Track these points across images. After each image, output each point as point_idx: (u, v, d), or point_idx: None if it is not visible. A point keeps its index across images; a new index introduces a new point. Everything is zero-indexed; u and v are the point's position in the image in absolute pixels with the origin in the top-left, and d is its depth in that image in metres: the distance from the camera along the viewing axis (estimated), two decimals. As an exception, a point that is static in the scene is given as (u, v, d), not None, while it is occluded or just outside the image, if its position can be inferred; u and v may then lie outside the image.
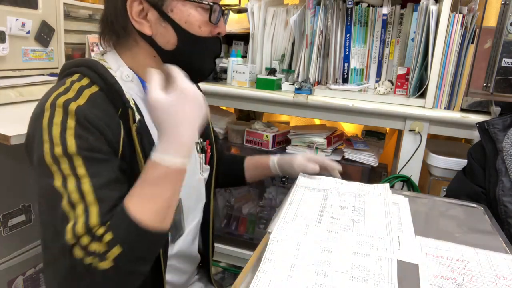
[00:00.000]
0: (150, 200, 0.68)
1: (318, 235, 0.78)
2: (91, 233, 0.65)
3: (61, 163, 0.68)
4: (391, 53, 1.51)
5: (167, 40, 0.81)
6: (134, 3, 0.78)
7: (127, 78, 0.82)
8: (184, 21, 0.80)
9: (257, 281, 0.64)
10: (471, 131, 1.33)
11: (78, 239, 0.65)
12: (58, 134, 0.69)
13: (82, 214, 0.66)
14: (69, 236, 0.65)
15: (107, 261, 0.64)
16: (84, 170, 0.68)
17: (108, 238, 0.65)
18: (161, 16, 0.79)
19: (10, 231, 1.26)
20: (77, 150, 0.68)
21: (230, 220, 1.83)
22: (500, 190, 1.06)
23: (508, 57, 1.23)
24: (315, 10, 1.50)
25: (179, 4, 0.79)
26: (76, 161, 0.68)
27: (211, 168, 1.06)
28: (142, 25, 0.79)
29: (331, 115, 1.47)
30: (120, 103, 0.77)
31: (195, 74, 0.90)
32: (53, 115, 0.70)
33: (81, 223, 0.65)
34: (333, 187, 1.01)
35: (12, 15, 1.28)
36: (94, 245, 0.65)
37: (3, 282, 1.26)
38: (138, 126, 0.78)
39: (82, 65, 0.79)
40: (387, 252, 0.73)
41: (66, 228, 0.65)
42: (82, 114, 0.70)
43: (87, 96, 0.74)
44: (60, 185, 0.67)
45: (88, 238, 0.65)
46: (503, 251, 0.79)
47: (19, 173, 1.25)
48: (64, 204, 0.66)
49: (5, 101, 1.23)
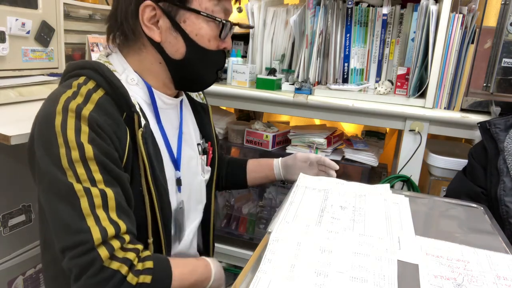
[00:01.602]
0: (188, 276, 0.79)
1: (318, 235, 0.78)
2: (121, 239, 0.69)
3: (77, 168, 0.69)
4: (391, 53, 1.51)
5: (175, 49, 0.82)
6: (147, 8, 0.78)
7: (132, 82, 0.83)
8: (195, 34, 0.81)
9: (257, 281, 0.64)
10: (471, 131, 1.33)
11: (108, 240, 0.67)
12: (74, 139, 0.69)
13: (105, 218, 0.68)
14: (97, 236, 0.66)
15: (135, 279, 0.69)
16: (100, 176, 0.70)
17: (149, 266, 0.71)
18: (173, 26, 0.80)
19: (10, 231, 1.26)
20: (94, 155, 0.70)
21: (230, 220, 1.83)
22: (502, 190, 1.06)
23: (508, 57, 1.23)
24: (315, 10, 1.50)
25: (192, 17, 0.80)
26: (92, 166, 0.70)
27: (212, 169, 1.07)
28: (152, 31, 0.80)
29: (331, 115, 1.47)
30: (125, 107, 0.77)
31: (197, 85, 0.92)
32: (66, 119, 0.70)
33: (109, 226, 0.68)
34: (333, 187, 1.01)
35: (12, 15, 1.28)
36: (130, 254, 0.69)
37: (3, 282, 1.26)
38: (143, 131, 0.78)
39: (87, 67, 0.79)
40: (387, 253, 0.73)
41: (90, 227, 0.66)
42: (94, 121, 0.71)
43: (95, 100, 0.74)
44: (79, 188, 0.68)
45: (119, 243, 0.68)
46: (503, 251, 0.79)
47: (19, 173, 1.25)
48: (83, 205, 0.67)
49: (5, 101, 1.23)
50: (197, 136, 1.02)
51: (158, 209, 0.81)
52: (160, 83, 0.87)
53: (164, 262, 0.75)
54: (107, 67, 0.79)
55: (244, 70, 1.57)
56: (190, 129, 0.98)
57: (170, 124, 0.90)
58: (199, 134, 1.03)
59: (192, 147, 0.98)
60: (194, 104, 1.03)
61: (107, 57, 0.86)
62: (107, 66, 0.79)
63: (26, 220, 1.31)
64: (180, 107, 0.95)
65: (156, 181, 0.81)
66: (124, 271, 0.67)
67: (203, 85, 0.93)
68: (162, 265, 0.74)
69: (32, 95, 1.31)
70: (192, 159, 0.97)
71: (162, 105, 0.88)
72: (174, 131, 0.92)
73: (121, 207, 0.71)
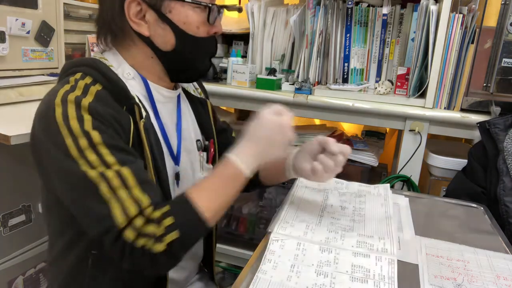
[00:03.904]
0: (216, 195, 0.73)
1: (319, 236, 0.78)
2: (145, 214, 0.67)
3: (87, 155, 0.68)
4: (391, 53, 1.51)
5: (165, 41, 0.81)
6: (132, 4, 0.78)
7: (128, 76, 0.82)
8: (183, 22, 0.80)
9: (257, 281, 0.64)
10: (471, 131, 1.33)
11: (131, 221, 0.66)
12: (78, 127, 0.69)
13: (128, 197, 0.67)
14: (121, 219, 0.66)
15: (162, 244, 0.66)
16: (112, 158, 0.69)
17: (169, 223, 0.67)
18: (159, 17, 0.79)
19: (10, 231, 1.26)
20: (103, 139, 0.69)
21: (230, 220, 1.83)
22: (501, 190, 1.06)
23: (508, 57, 1.23)
24: (315, 10, 1.50)
25: (177, 5, 0.79)
26: (102, 149, 0.69)
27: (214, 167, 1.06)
28: (140, 26, 0.79)
29: (331, 115, 1.47)
30: (125, 100, 0.77)
31: (191, 74, 0.91)
32: (66, 110, 0.70)
33: (132, 205, 0.67)
34: (333, 187, 1.01)
35: (12, 15, 1.28)
36: (151, 227, 0.67)
37: (3, 282, 1.26)
38: (145, 122, 0.78)
39: (83, 64, 0.79)
40: (387, 253, 0.73)
41: (113, 212, 0.66)
42: (94, 109, 0.71)
43: (94, 92, 0.74)
44: (94, 175, 0.67)
45: (142, 219, 0.67)
46: (503, 251, 0.79)
47: (19, 173, 1.25)
48: (104, 191, 0.67)
49: (5, 101, 1.23)
50: (196, 132, 1.00)
51: None
52: (155, 76, 0.86)
53: (184, 205, 0.71)
54: (103, 63, 0.79)
55: (244, 70, 1.57)
56: (189, 125, 0.97)
57: (168, 118, 0.90)
58: (198, 130, 1.03)
59: (191, 143, 0.97)
60: (192, 99, 1.02)
61: (102, 53, 0.85)
62: (103, 62, 0.79)
63: (26, 220, 1.31)
64: (178, 101, 0.95)
65: (158, 173, 0.80)
66: (150, 244, 0.66)
67: (198, 74, 0.92)
68: (183, 210, 0.70)
69: (32, 95, 1.31)
70: (191, 154, 0.96)
71: (160, 99, 0.88)
72: (172, 126, 0.91)
73: (141, 181, 0.70)
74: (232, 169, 0.75)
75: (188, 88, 1.02)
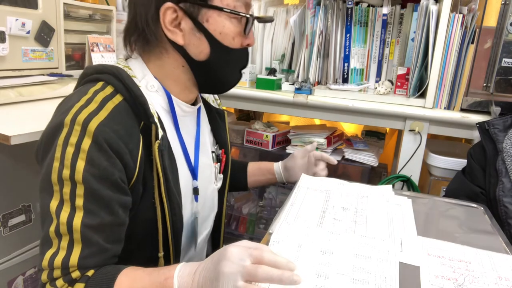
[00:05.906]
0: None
1: (320, 237, 0.78)
2: (66, 271, 0.67)
3: (64, 186, 0.68)
4: (391, 53, 1.51)
5: (200, 50, 0.79)
6: (168, 11, 0.75)
7: (152, 89, 0.80)
8: (219, 32, 0.78)
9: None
10: (471, 131, 1.33)
11: (52, 269, 0.67)
12: (70, 156, 0.68)
13: (65, 248, 0.67)
14: (45, 262, 0.67)
15: None
16: (82, 202, 0.68)
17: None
18: (195, 26, 0.77)
19: (10, 231, 1.26)
20: (84, 178, 0.67)
21: (230, 220, 1.83)
22: (500, 190, 1.06)
23: (508, 57, 1.23)
24: (315, 10, 1.50)
25: (214, 14, 0.77)
26: (78, 190, 0.68)
27: (225, 177, 1.04)
28: (175, 34, 0.77)
29: (331, 115, 1.47)
30: (143, 116, 0.75)
31: (222, 85, 0.88)
32: (70, 134, 0.69)
33: (61, 256, 0.67)
34: (335, 188, 1.01)
35: (12, 15, 1.28)
36: (62, 282, 0.67)
37: (3, 282, 1.26)
38: (160, 143, 0.75)
39: (106, 72, 0.76)
40: (389, 254, 0.73)
41: (46, 253, 0.68)
42: (101, 135, 0.68)
43: (110, 109, 0.72)
44: (54, 209, 0.68)
45: (60, 273, 0.67)
46: (503, 251, 0.79)
47: (19, 173, 1.25)
48: (51, 230, 0.68)
49: (5, 101, 1.23)
50: (211, 143, 0.99)
51: (170, 222, 0.79)
52: (181, 87, 0.84)
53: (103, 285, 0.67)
54: (127, 73, 0.76)
55: (244, 70, 1.57)
56: (206, 137, 0.96)
57: (187, 133, 0.88)
58: (213, 141, 1.01)
59: (207, 155, 0.95)
60: (210, 110, 1.00)
61: (126, 60, 0.83)
62: (126, 72, 0.77)
63: (26, 220, 1.31)
64: (197, 114, 0.93)
65: (170, 194, 0.78)
66: None
67: (228, 86, 0.89)
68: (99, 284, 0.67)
69: (32, 95, 1.30)
70: (207, 167, 0.95)
71: (180, 113, 0.85)
72: (191, 140, 0.90)
73: (85, 239, 0.68)
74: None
75: (208, 99, 1.00)
